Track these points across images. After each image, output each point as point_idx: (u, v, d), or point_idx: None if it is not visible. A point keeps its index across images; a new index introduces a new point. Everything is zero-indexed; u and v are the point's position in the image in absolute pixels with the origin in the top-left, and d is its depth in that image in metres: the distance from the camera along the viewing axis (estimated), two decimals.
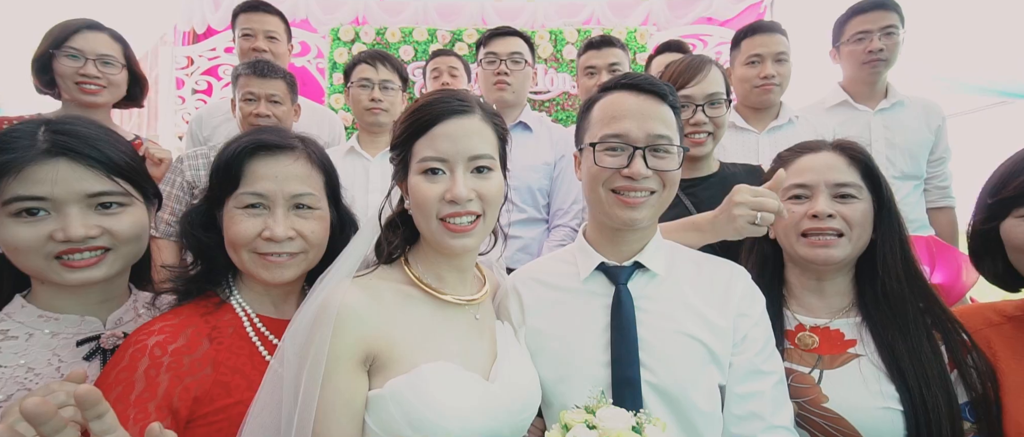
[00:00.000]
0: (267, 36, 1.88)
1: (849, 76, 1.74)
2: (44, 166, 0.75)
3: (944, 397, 0.84)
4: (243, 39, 1.88)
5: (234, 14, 1.94)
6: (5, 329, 0.76)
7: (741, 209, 0.93)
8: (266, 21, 1.89)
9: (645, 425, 0.67)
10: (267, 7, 1.93)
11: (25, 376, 0.73)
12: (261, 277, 0.83)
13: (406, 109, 0.84)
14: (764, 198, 0.93)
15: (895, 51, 1.63)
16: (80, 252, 0.76)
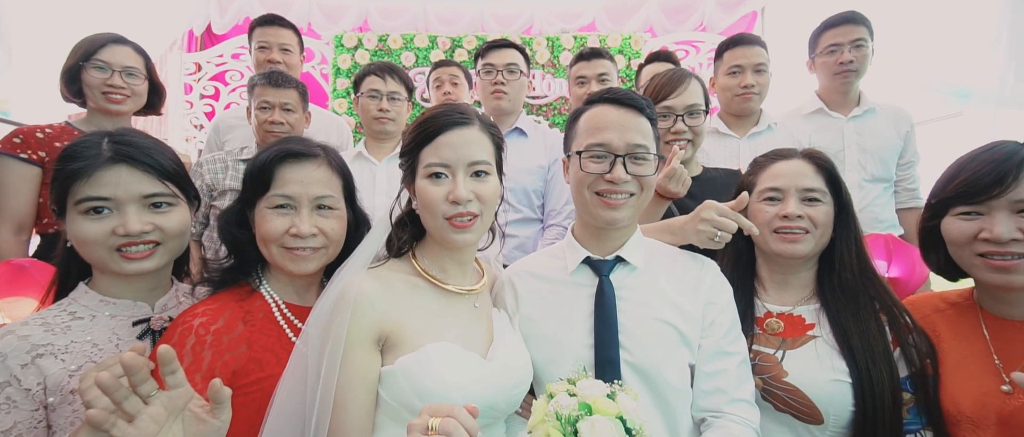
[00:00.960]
0: (281, 48, 2.02)
1: (824, 85, 1.88)
2: (108, 171, 0.88)
3: (887, 371, 0.97)
4: (259, 51, 2.02)
5: (251, 27, 2.08)
6: (73, 311, 0.89)
7: (705, 226, 1.07)
8: (281, 34, 2.03)
9: (618, 393, 0.79)
10: (282, 21, 2.07)
11: (91, 350, 0.85)
12: (287, 269, 0.96)
13: (414, 121, 0.97)
14: (726, 219, 1.06)
15: (864, 62, 1.76)
16: (136, 245, 0.89)
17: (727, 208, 1.08)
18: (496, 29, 4.02)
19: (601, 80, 1.93)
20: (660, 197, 1.29)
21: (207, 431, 0.71)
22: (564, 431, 0.74)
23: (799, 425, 1.00)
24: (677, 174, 1.24)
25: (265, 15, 2.07)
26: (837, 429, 0.98)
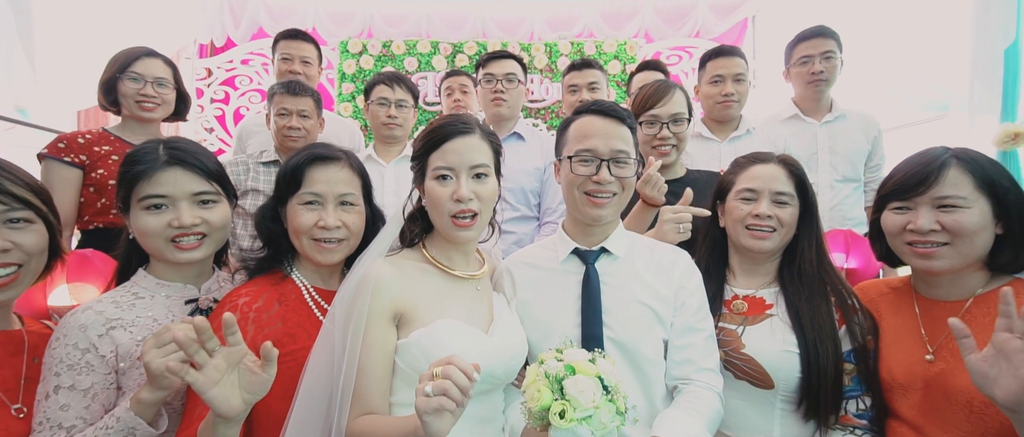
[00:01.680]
0: (302, 60, 2.19)
1: (798, 93, 2.04)
2: (165, 173, 1.04)
3: (831, 345, 1.13)
4: (282, 62, 2.19)
5: (276, 39, 2.26)
6: (136, 292, 1.05)
7: (669, 225, 1.31)
8: (303, 48, 2.21)
9: (598, 358, 0.95)
10: (305, 36, 2.25)
11: (152, 324, 1.02)
12: (315, 259, 1.12)
13: (422, 130, 1.13)
14: (681, 213, 1.31)
15: (834, 72, 1.93)
16: (187, 236, 1.05)
17: (678, 206, 1.31)
18: (497, 35, 4.19)
19: (591, 88, 2.09)
20: (646, 205, 1.45)
21: (257, 382, 0.87)
22: (552, 387, 0.90)
23: (754, 391, 1.16)
24: (653, 180, 1.40)
25: (289, 29, 2.25)
26: (786, 393, 1.14)
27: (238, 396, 0.86)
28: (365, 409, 0.98)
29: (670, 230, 1.32)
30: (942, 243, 1.06)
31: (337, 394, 1.00)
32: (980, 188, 1.06)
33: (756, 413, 1.17)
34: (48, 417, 0.92)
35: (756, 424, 1.17)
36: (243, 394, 0.86)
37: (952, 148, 1.13)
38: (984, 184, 1.06)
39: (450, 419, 0.79)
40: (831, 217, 1.87)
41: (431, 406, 0.78)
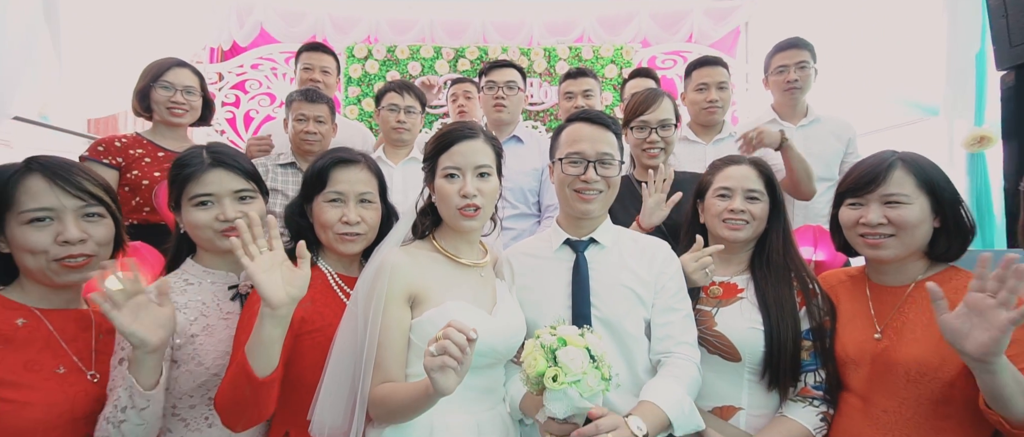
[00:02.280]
0: (322, 70, 2.37)
1: (776, 100, 2.21)
2: (210, 174, 1.21)
3: (791, 323, 1.29)
4: (303, 71, 2.38)
5: (299, 51, 2.45)
6: (186, 278, 1.22)
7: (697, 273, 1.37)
8: (323, 59, 2.40)
9: (586, 333, 1.11)
10: (325, 48, 2.45)
11: (201, 306, 1.18)
12: (338, 250, 1.29)
13: (433, 135, 1.30)
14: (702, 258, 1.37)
15: (808, 81, 2.09)
16: (231, 228, 1.22)
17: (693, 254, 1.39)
18: (497, 40, 4.36)
19: (586, 95, 2.26)
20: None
21: (298, 277, 1.05)
22: (546, 357, 1.06)
23: (724, 364, 1.32)
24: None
25: (311, 42, 2.46)
26: (752, 365, 1.30)
27: (283, 289, 1.02)
28: (385, 378, 1.14)
29: (699, 277, 1.37)
30: (888, 235, 1.22)
31: (361, 365, 1.16)
32: (921, 187, 1.22)
33: (726, 384, 1.33)
34: (115, 382, 1.08)
35: (726, 393, 1.33)
36: (287, 288, 1.02)
37: (899, 152, 1.29)
38: (924, 184, 1.22)
39: (453, 376, 0.95)
40: (806, 214, 2.03)
41: (436, 364, 0.94)
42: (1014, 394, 0.90)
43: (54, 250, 1.07)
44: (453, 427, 1.15)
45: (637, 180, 1.86)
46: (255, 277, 1.00)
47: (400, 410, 1.07)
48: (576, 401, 1.03)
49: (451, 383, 0.95)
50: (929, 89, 2.49)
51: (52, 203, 1.07)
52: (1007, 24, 1.67)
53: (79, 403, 1.06)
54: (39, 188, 1.06)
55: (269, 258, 1.04)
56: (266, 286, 1.00)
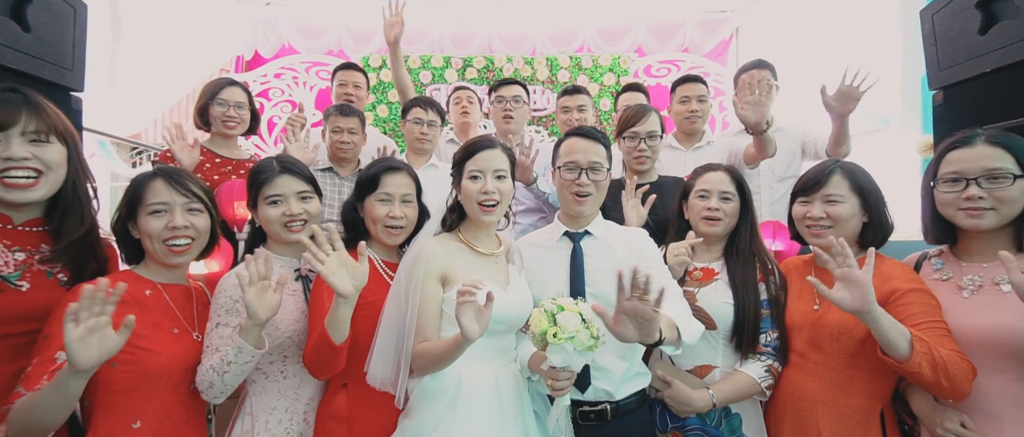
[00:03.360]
0: (354, 85, 2.72)
1: None
2: (279, 178, 1.54)
3: (754, 297, 1.60)
4: (339, 87, 2.72)
5: (334, 70, 2.80)
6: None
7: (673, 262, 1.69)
8: (355, 76, 2.74)
9: (579, 302, 1.43)
10: (357, 67, 2.79)
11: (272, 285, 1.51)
12: (384, 241, 1.61)
13: (462, 146, 1.61)
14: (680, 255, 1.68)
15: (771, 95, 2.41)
16: (295, 222, 1.55)
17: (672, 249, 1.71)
18: (503, 50, 4.68)
19: (580, 109, 2.59)
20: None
21: (359, 271, 1.35)
22: (548, 319, 1.37)
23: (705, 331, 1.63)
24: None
25: (346, 62, 2.80)
26: (724, 332, 1.61)
27: (349, 282, 1.33)
28: (424, 338, 1.46)
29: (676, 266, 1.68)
30: (828, 226, 1.54)
31: (404, 330, 1.48)
32: (853, 189, 1.53)
33: (705, 348, 1.63)
34: (211, 342, 1.41)
35: (705, 355, 1.63)
36: (352, 281, 1.34)
37: (839, 161, 1.61)
38: (856, 187, 1.54)
39: (475, 319, 1.25)
40: (772, 210, 2.35)
41: (462, 305, 1.26)
42: (895, 338, 1.20)
43: (165, 234, 1.39)
44: (476, 378, 1.47)
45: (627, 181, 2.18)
46: (328, 279, 1.31)
47: (437, 359, 1.38)
48: (571, 353, 1.35)
49: (473, 327, 1.25)
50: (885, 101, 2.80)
51: (166, 199, 1.39)
52: (937, 51, 1.99)
53: (189, 356, 1.39)
54: (159, 188, 1.39)
55: (335, 259, 1.35)
56: (337, 283, 1.32)
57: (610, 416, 1.55)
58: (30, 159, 1.20)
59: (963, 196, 1.28)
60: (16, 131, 1.18)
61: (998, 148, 1.26)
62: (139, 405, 1.28)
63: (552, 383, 1.37)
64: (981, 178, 1.26)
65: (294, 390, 1.51)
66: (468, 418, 1.43)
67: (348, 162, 2.44)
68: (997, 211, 1.25)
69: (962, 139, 1.33)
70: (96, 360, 1.03)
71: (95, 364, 1.03)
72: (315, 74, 4.59)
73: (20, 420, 1.07)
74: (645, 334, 1.26)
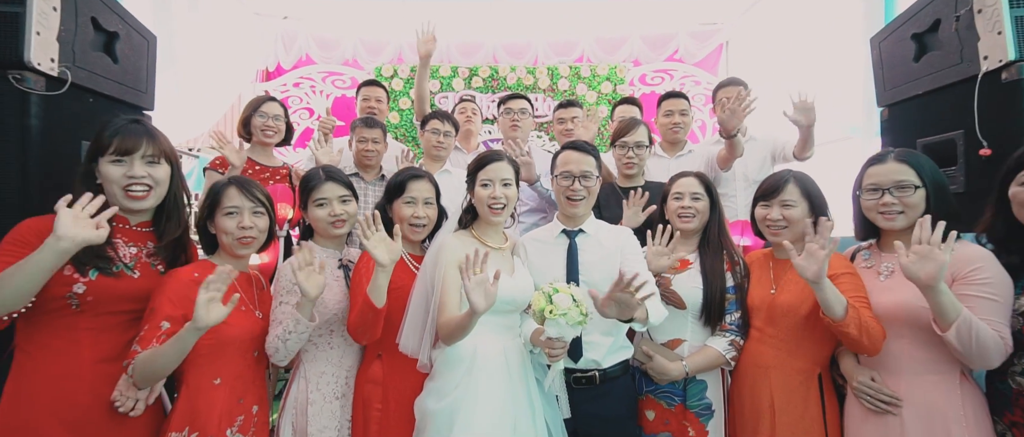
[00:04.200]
0: (376, 100, 3.07)
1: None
2: (325, 184, 1.87)
3: (720, 284, 1.92)
4: (363, 101, 3.08)
5: (359, 86, 3.16)
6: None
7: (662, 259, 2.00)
8: (378, 92, 3.11)
9: (571, 286, 1.75)
10: (379, 83, 3.15)
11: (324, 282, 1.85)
12: (411, 237, 1.94)
13: (475, 158, 1.94)
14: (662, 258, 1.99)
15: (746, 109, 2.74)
16: (338, 221, 1.88)
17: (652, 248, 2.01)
18: (507, 60, 5.01)
19: (573, 121, 2.91)
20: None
21: (394, 246, 1.69)
22: (545, 298, 1.69)
23: (675, 311, 1.93)
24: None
25: (369, 79, 3.18)
26: (693, 312, 1.93)
27: (387, 254, 1.66)
28: (446, 314, 1.79)
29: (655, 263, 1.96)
30: (783, 227, 1.86)
31: (429, 308, 1.81)
32: (803, 195, 1.85)
33: (676, 324, 1.94)
34: (276, 317, 1.74)
35: (676, 330, 1.95)
36: (389, 254, 1.67)
37: (792, 171, 1.93)
38: (805, 193, 1.85)
39: (483, 295, 1.57)
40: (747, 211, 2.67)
41: (470, 286, 1.58)
42: (834, 303, 1.51)
43: (236, 232, 1.72)
44: (488, 349, 1.79)
45: (619, 186, 2.52)
46: (372, 251, 1.65)
47: (457, 328, 1.70)
48: (564, 327, 1.67)
49: (482, 303, 1.57)
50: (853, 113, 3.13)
51: (238, 203, 1.72)
52: (883, 73, 2.31)
53: (255, 329, 1.72)
54: (233, 194, 1.72)
55: (376, 237, 1.70)
56: (378, 255, 1.65)
57: (598, 381, 1.88)
58: (145, 177, 1.53)
59: (880, 203, 1.60)
60: (138, 155, 1.51)
61: (904, 164, 1.58)
62: (218, 366, 1.62)
63: (549, 351, 1.70)
64: (892, 188, 1.58)
65: (338, 358, 1.85)
66: (482, 381, 1.75)
67: (372, 168, 2.77)
68: (906, 214, 1.57)
69: (878, 157, 1.66)
70: (212, 321, 1.37)
71: (211, 324, 1.37)
72: (331, 83, 4.93)
73: (143, 369, 1.40)
74: (624, 315, 1.58)
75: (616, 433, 1.91)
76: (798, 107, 2.32)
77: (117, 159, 1.51)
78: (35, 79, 1.63)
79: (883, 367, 1.57)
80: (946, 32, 1.97)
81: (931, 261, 1.35)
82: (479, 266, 1.60)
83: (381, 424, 1.80)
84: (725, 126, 2.42)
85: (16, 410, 1.35)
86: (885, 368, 1.56)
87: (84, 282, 1.44)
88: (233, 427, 1.61)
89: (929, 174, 1.56)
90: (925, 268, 1.35)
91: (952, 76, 1.95)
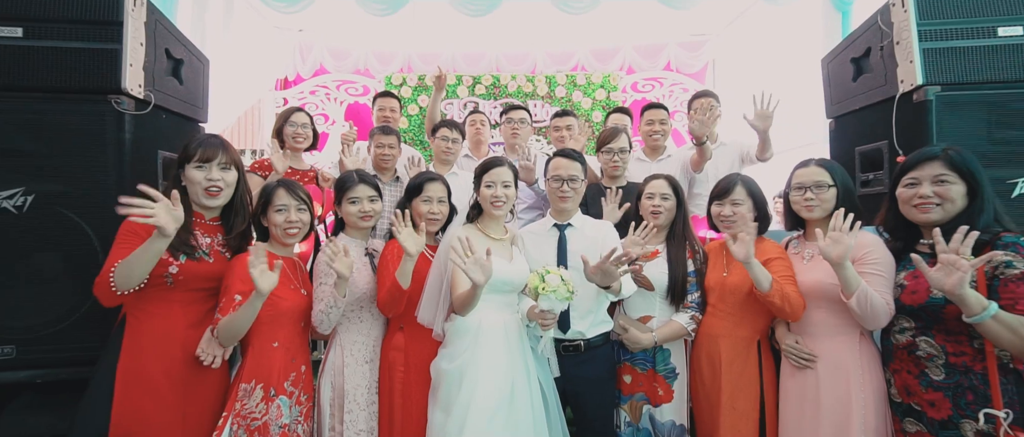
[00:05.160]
0: (391, 110, 3.49)
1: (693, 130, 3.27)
2: (357, 185, 2.28)
3: (682, 269, 2.33)
4: (379, 111, 3.50)
5: (375, 97, 3.57)
6: (343, 242, 2.30)
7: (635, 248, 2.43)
8: (392, 103, 3.53)
9: (560, 269, 2.17)
10: (393, 95, 3.57)
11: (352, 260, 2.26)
12: (427, 229, 2.36)
13: (481, 163, 2.36)
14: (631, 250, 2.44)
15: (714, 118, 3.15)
16: (367, 216, 2.30)
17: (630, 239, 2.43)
18: (508, 69, 5.43)
19: (568, 129, 3.33)
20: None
21: (420, 239, 2.10)
22: (538, 278, 2.10)
23: (646, 292, 2.34)
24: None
25: (384, 91, 3.58)
26: (660, 293, 2.33)
27: (415, 245, 2.06)
28: (457, 291, 2.21)
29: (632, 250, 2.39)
30: (734, 221, 2.28)
31: (443, 288, 2.23)
32: (748, 194, 2.26)
33: (646, 303, 2.36)
34: (318, 296, 2.16)
35: (646, 308, 2.35)
36: (415, 246, 2.07)
37: (739, 175, 2.34)
38: (750, 192, 2.26)
39: (480, 271, 1.98)
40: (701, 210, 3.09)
41: (469, 264, 1.99)
42: (759, 278, 1.93)
43: (284, 225, 2.14)
44: (491, 322, 2.19)
45: (604, 185, 2.93)
46: (404, 242, 2.06)
47: (466, 300, 2.09)
48: (554, 301, 2.08)
49: (479, 277, 1.96)
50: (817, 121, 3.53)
51: (286, 202, 2.14)
52: (830, 90, 2.72)
53: (301, 303, 2.14)
54: (282, 193, 2.14)
55: (406, 231, 2.11)
56: (409, 245, 2.07)
57: (583, 349, 2.29)
58: (219, 180, 1.95)
59: (802, 198, 2.02)
60: (216, 163, 1.93)
61: (821, 168, 2.00)
62: (276, 332, 2.03)
63: (541, 322, 2.11)
64: (812, 186, 1.99)
65: (367, 330, 2.27)
66: (485, 347, 2.16)
67: (388, 170, 3.19)
68: (821, 207, 1.98)
69: (803, 163, 2.07)
70: (268, 286, 1.78)
71: (268, 289, 1.78)
72: (344, 90, 5.36)
73: (226, 330, 1.82)
74: (605, 282, 2.00)
75: (598, 391, 2.32)
76: (758, 113, 2.73)
77: (199, 165, 1.93)
78: (128, 101, 2.05)
79: (804, 332, 1.99)
80: (875, 58, 2.38)
81: (841, 244, 1.76)
82: (469, 250, 2.00)
83: (404, 383, 2.22)
84: (695, 135, 2.83)
85: (132, 359, 1.78)
86: (806, 332, 1.98)
87: (176, 265, 1.86)
88: (288, 381, 2.03)
89: (840, 177, 1.98)
90: (836, 249, 1.77)
91: (879, 95, 2.36)
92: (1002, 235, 1.57)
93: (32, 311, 1.97)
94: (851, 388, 1.81)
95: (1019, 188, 2.08)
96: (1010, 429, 1.45)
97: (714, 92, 3.20)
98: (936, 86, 2.14)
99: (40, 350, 1.98)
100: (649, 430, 2.33)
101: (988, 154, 2.08)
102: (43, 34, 1.97)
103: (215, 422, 1.90)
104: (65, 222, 2.01)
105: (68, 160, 2.00)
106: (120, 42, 2.01)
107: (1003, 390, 1.51)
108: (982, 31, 2.13)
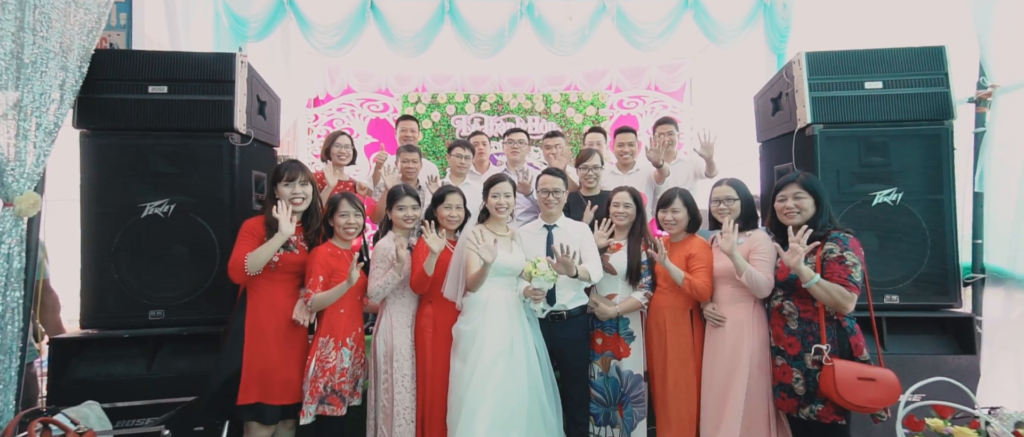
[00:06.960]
0: (411, 130, 4.34)
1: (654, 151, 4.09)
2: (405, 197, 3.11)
3: (637, 258, 3.16)
4: (402, 132, 4.35)
5: (398, 120, 4.41)
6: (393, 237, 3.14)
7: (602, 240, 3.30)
8: (412, 125, 4.39)
9: (548, 259, 3.00)
10: (413, 118, 4.41)
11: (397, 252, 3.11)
12: (448, 228, 3.20)
13: (488, 178, 3.19)
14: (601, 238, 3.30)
15: (674, 142, 3.96)
16: (409, 219, 3.14)
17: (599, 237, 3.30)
18: (509, 88, 6.27)
19: (556, 146, 4.16)
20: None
21: (440, 241, 2.95)
22: (531, 265, 2.94)
23: (610, 276, 3.17)
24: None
25: (405, 115, 4.40)
26: (621, 276, 3.16)
27: (437, 245, 2.90)
28: (470, 272, 3.04)
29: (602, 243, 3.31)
30: (673, 223, 3.11)
31: (461, 271, 3.07)
32: (684, 204, 3.09)
33: (611, 284, 3.20)
34: (373, 276, 3.00)
35: (612, 288, 3.18)
36: (438, 246, 2.90)
37: (679, 188, 3.17)
38: (685, 203, 3.09)
39: (488, 251, 2.82)
40: None
41: (478, 248, 2.83)
42: (677, 274, 2.78)
43: (346, 226, 2.98)
44: (497, 298, 3.01)
45: (583, 195, 3.77)
46: (430, 244, 2.89)
47: (478, 277, 2.89)
48: (543, 282, 2.91)
49: (488, 256, 2.80)
50: None
51: (347, 209, 2.98)
52: (759, 120, 3.55)
53: (360, 283, 2.98)
54: (345, 203, 2.98)
55: (432, 235, 2.94)
56: (434, 245, 2.90)
57: (565, 318, 3.13)
58: (301, 193, 2.79)
59: (717, 208, 2.85)
60: (298, 180, 2.77)
61: (730, 186, 2.83)
62: (342, 302, 2.87)
63: (533, 298, 2.95)
64: (723, 200, 2.83)
65: (408, 304, 3.12)
66: (492, 315, 2.99)
67: (412, 181, 4.04)
68: (731, 215, 2.82)
69: (717, 182, 2.91)
70: (355, 279, 2.63)
71: (354, 282, 2.63)
72: (367, 107, 6.21)
73: (318, 302, 2.67)
74: (568, 272, 2.85)
75: (576, 349, 3.16)
76: (703, 145, 3.56)
77: (287, 183, 2.77)
78: (236, 136, 2.90)
79: (717, 301, 2.83)
80: (784, 100, 3.22)
81: (728, 242, 2.60)
82: (481, 239, 2.83)
83: (433, 341, 3.06)
84: (652, 159, 3.68)
85: (254, 319, 2.63)
86: (719, 302, 2.83)
87: (277, 255, 2.71)
88: (350, 337, 2.89)
89: (743, 193, 2.82)
90: (726, 245, 2.60)
91: (786, 128, 3.20)
92: (832, 232, 2.40)
93: (173, 286, 2.83)
94: (744, 337, 2.65)
95: (878, 198, 2.92)
96: (829, 357, 2.30)
97: (674, 119, 4.04)
98: (821, 124, 2.98)
99: (178, 313, 2.84)
100: (616, 378, 3.17)
101: (858, 174, 2.93)
102: (181, 90, 2.83)
103: (304, 361, 2.75)
104: (193, 224, 2.86)
105: (196, 179, 2.86)
106: (233, 95, 2.86)
107: (827, 333, 2.35)
108: (853, 84, 2.97)
